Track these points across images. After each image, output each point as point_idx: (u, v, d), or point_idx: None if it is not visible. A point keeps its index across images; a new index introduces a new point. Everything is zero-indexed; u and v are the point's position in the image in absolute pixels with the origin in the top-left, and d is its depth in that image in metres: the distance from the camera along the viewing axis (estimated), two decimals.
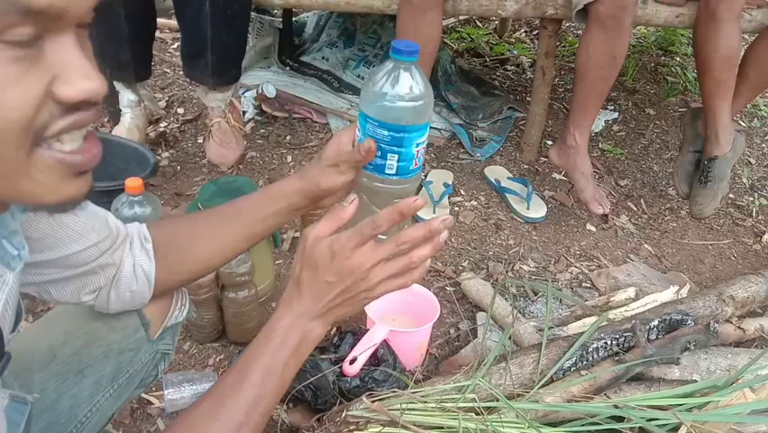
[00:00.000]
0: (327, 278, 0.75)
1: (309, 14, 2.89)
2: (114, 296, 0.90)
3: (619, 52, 1.84)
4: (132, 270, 0.89)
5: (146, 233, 0.91)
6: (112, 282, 0.88)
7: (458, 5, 1.99)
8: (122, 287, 0.89)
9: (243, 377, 0.74)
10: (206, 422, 0.72)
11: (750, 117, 2.80)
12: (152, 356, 1.02)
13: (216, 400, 0.73)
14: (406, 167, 0.85)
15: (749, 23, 1.95)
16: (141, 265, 0.90)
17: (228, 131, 2.10)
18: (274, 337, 0.76)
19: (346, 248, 0.73)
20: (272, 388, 0.75)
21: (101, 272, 0.86)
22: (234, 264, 1.43)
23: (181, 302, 1.04)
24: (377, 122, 0.82)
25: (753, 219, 2.19)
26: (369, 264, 0.74)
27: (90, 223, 0.82)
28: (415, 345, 1.48)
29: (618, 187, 2.27)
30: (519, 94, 2.78)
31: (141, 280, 0.90)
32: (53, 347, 0.91)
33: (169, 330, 1.03)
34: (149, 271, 0.90)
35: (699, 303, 1.51)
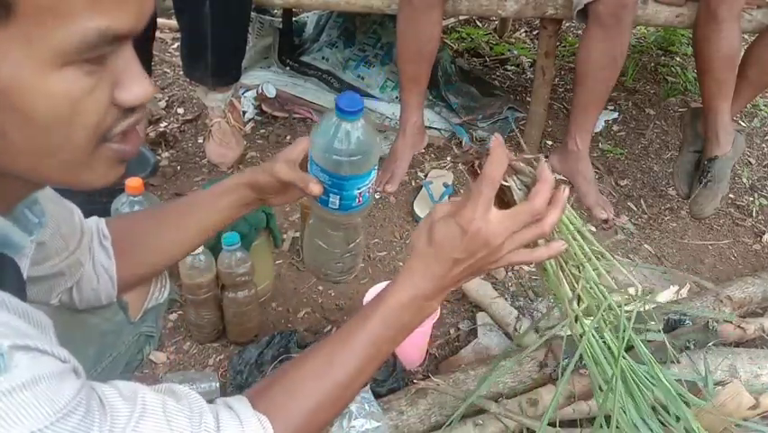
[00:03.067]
0: (456, 255, 0.73)
1: (309, 14, 2.89)
2: (78, 296, 0.90)
3: (619, 52, 1.84)
4: (93, 268, 0.89)
5: (104, 230, 0.91)
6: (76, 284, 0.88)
7: (458, 5, 1.99)
8: (83, 286, 0.89)
9: (349, 348, 0.74)
10: (308, 389, 0.72)
11: (750, 117, 2.80)
12: (136, 339, 1.02)
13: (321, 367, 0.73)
14: (348, 204, 0.91)
15: (749, 22, 1.95)
16: (102, 263, 0.90)
17: (228, 131, 2.10)
18: (387, 313, 0.75)
19: (476, 219, 0.71)
20: (375, 363, 0.76)
21: (68, 272, 0.86)
22: (234, 264, 1.43)
23: (161, 284, 1.05)
24: (319, 167, 0.88)
25: (753, 219, 2.19)
26: (502, 238, 0.73)
27: (59, 223, 0.82)
28: (415, 345, 1.48)
29: (618, 187, 2.27)
30: (519, 94, 2.78)
31: (102, 278, 0.90)
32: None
33: (151, 312, 1.04)
34: (109, 269, 0.90)
35: (697, 304, 1.51)
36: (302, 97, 2.44)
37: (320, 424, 0.74)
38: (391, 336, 0.76)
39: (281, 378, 0.74)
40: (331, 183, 0.88)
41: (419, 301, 0.75)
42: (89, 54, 0.51)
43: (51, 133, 0.52)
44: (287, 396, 0.71)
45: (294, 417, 0.71)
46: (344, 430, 1.12)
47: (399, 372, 1.35)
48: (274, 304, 1.66)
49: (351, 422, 1.12)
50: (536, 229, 0.74)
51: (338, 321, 1.60)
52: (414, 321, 0.77)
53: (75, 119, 0.52)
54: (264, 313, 1.61)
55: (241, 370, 1.37)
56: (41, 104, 0.50)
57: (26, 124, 0.51)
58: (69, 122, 0.52)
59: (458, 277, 0.75)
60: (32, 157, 0.54)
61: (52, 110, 0.51)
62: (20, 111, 0.50)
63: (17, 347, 0.51)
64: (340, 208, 0.91)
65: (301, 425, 0.71)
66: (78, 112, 0.52)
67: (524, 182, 0.78)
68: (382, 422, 1.14)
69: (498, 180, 0.72)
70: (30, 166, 0.55)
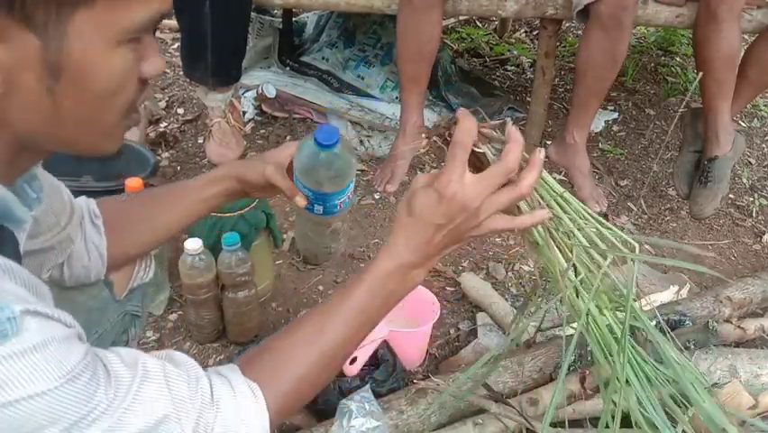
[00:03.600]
0: (436, 220, 0.75)
1: (309, 14, 2.89)
2: (68, 272, 0.92)
3: (619, 52, 1.84)
4: (84, 245, 0.92)
5: (95, 209, 0.94)
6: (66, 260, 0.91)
7: (458, 5, 1.99)
8: (74, 263, 0.92)
9: (338, 317, 0.76)
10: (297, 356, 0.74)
11: (750, 117, 2.80)
12: (121, 317, 1.04)
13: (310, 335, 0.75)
14: (331, 210, 1.00)
15: (749, 23, 1.95)
16: (92, 240, 0.93)
17: (228, 131, 2.10)
18: (373, 283, 0.77)
19: (452, 182, 0.73)
20: (362, 331, 0.78)
21: (59, 248, 0.88)
22: (234, 264, 1.43)
23: (146, 264, 1.09)
24: (301, 183, 0.97)
25: (753, 219, 2.19)
26: (478, 200, 0.74)
27: (50, 199, 0.84)
28: (415, 345, 1.48)
29: (618, 187, 2.27)
30: (519, 94, 2.78)
31: (93, 255, 0.93)
32: None
33: (137, 291, 1.06)
34: (99, 246, 0.93)
35: (697, 304, 1.51)
36: (302, 98, 2.44)
37: (309, 391, 0.76)
38: (378, 304, 0.77)
39: (271, 347, 0.76)
40: (314, 197, 0.97)
41: (404, 269, 0.77)
42: (140, 34, 0.58)
43: (101, 104, 0.59)
44: (276, 364, 0.74)
45: (284, 383, 0.73)
46: (344, 430, 1.12)
47: (399, 372, 1.35)
48: (274, 304, 1.66)
49: (350, 421, 1.12)
50: (513, 191, 0.75)
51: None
52: (400, 290, 0.78)
53: (119, 91, 0.59)
54: (264, 313, 1.61)
55: None
56: (101, 77, 0.57)
57: (83, 96, 0.57)
58: (116, 94, 0.59)
59: (441, 244, 0.77)
60: (76, 127, 0.59)
61: (107, 83, 0.58)
62: (81, 83, 0.56)
63: (28, 312, 0.54)
64: (324, 214, 1.00)
65: (291, 391, 0.73)
66: (124, 85, 0.59)
67: (497, 149, 0.79)
68: (382, 421, 1.14)
69: (469, 144, 0.74)
70: (69, 136, 0.60)
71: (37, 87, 0.55)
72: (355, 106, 2.46)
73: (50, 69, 0.55)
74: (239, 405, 0.68)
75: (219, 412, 0.67)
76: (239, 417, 0.68)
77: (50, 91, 0.56)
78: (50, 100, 0.56)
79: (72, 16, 0.54)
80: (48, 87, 0.56)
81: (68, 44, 0.54)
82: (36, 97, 0.56)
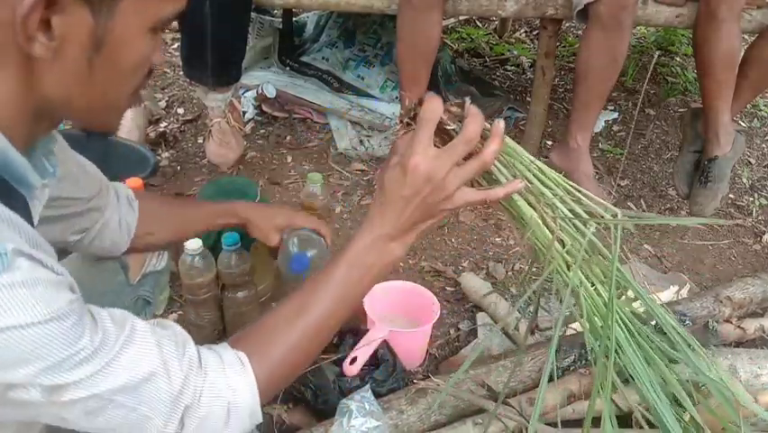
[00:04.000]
0: (404, 192, 0.77)
1: (309, 14, 2.89)
2: (98, 243, 1.02)
3: (620, 52, 1.84)
4: (118, 224, 1.03)
5: (132, 195, 1.06)
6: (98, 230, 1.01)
7: (458, 5, 1.99)
8: (105, 235, 1.02)
9: (320, 290, 0.80)
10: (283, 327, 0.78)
11: (750, 117, 2.80)
12: (134, 301, 1.14)
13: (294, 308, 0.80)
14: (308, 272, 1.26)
15: (749, 23, 1.95)
16: (126, 218, 1.04)
17: (228, 131, 2.10)
18: (351, 257, 0.80)
19: (415, 154, 0.76)
20: (345, 304, 0.81)
21: (87, 215, 0.98)
22: (234, 264, 1.43)
23: (158, 253, 1.22)
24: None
25: (753, 219, 2.19)
26: (443, 170, 0.76)
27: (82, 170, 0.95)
28: (415, 346, 1.48)
29: (618, 187, 2.27)
30: (519, 94, 2.78)
31: (123, 232, 1.04)
32: None
33: (149, 277, 1.17)
34: (131, 225, 1.04)
35: (697, 304, 1.51)
36: (302, 98, 2.44)
37: (296, 363, 0.79)
38: (358, 276, 0.80)
39: (257, 324, 0.80)
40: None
41: (381, 242, 0.80)
42: (163, 25, 0.66)
43: (124, 81, 0.67)
44: (263, 338, 0.77)
45: (270, 356, 0.76)
46: (344, 429, 1.12)
47: (399, 372, 1.35)
48: (274, 304, 1.66)
49: (350, 421, 1.12)
50: (476, 161, 0.78)
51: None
52: (379, 262, 0.81)
53: (137, 72, 0.67)
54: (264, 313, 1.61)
55: None
56: (132, 57, 0.65)
57: (114, 71, 0.65)
58: (135, 75, 0.67)
59: (412, 217, 0.79)
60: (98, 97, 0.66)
61: (134, 64, 0.66)
62: (116, 60, 0.64)
63: (21, 253, 0.57)
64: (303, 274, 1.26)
65: (278, 361, 0.76)
66: (141, 67, 0.67)
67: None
68: (382, 421, 1.14)
69: (433, 121, 0.77)
70: (89, 105, 0.66)
71: (79, 57, 0.62)
72: (355, 106, 2.46)
73: (95, 43, 0.62)
74: (226, 372, 0.71)
75: (207, 378, 0.70)
76: (227, 382, 0.71)
77: (89, 60, 0.62)
78: (87, 69, 0.63)
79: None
80: (88, 56, 0.62)
81: (113, 23, 0.61)
82: (76, 65, 0.62)
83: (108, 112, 0.69)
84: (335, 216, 1.99)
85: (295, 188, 2.08)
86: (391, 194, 0.78)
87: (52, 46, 0.59)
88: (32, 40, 0.58)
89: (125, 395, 0.64)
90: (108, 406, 0.64)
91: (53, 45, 0.59)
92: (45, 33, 0.58)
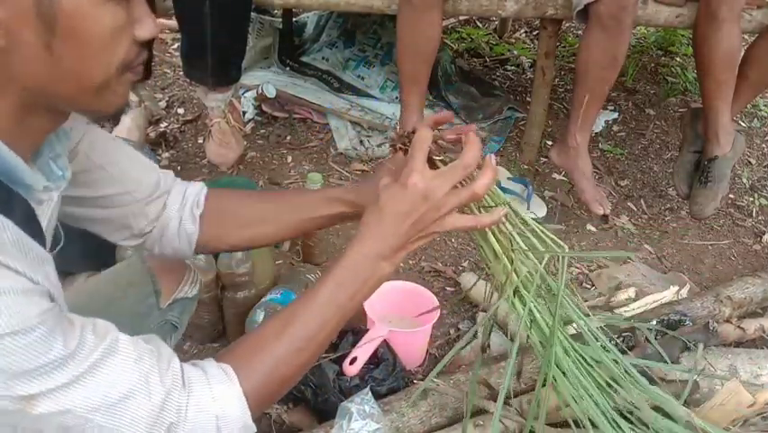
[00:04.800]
0: (400, 208, 0.78)
1: (309, 14, 2.89)
2: (158, 249, 0.99)
3: (620, 52, 1.84)
4: (177, 230, 0.97)
5: (201, 200, 0.99)
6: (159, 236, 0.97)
7: (458, 5, 1.99)
8: (164, 243, 0.98)
9: (307, 306, 0.78)
10: (269, 341, 0.76)
11: (750, 117, 2.80)
12: (161, 325, 1.09)
13: (281, 322, 0.78)
14: None
15: (749, 23, 1.95)
16: (186, 228, 0.98)
17: (228, 131, 2.10)
18: (341, 273, 0.79)
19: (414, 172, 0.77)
20: (334, 320, 0.79)
21: (132, 219, 0.93)
22: (234, 264, 1.43)
23: (192, 280, 1.14)
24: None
25: (753, 219, 2.19)
26: (441, 190, 0.78)
27: (130, 170, 0.91)
28: (415, 345, 1.48)
29: (618, 187, 2.27)
30: (519, 94, 2.78)
31: (183, 241, 0.98)
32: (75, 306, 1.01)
33: (179, 303, 1.11)
34: (191, 235, 0.98)
35: (697, 304, 1.51)
36: (302, 98, 2.44)
37: (284, 378, 0.77)
38: (348, 294, 0.79)
39: (244, 339, 0.79)
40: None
41: (371, 260, 0.79)
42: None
43: (97, 59, 0.62)
44: (249, 352, 0.76)
45: (257, 366, 0.74)
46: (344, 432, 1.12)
47: (399, 371, 1.35)
48: None
49: (350, 424, 1.12)
50: (468, 191, 0.80)
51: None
52: (368, 280, 0.80)
53: (113, 47, 0.62)
54: None
55: None
56: (95, 30, 0.60)
57: (80, 51, 0.60)
58: (109, 49, 0.62)
59: (406, 235, 0.79)
60: (76, 81, 0.62)
61: (101, 37, 0.61)
62: (77, 38, 0.59)
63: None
64: None
65: (265, 373, 0.75)
66: (116, 41, 0.62)
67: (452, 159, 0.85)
68: (382, 424, 1.14)
69: (426, 145, 0.81)
70: (72, 91, 0.63)
71: (36, 42, 0.58)
72: (355, 106, 2.46)
73: (45, 23, 0.57)
74: (211, 385, 0.70)
75: (192, 393, 0.68)
76: (212, 395, 0.69)
77: (47, 46, 0.58)
78: (48, 54, 0.59)
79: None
80: (45, 41, 0.58)
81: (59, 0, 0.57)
82: (36, 51, 0.59)
83: (94, 92, 0.64)
84: None
85: (295, 188, 2.08)
86: (387, 210, 0.79)
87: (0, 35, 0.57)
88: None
89: (103, 415, 0.62)
90: (86, 426, 0.62)
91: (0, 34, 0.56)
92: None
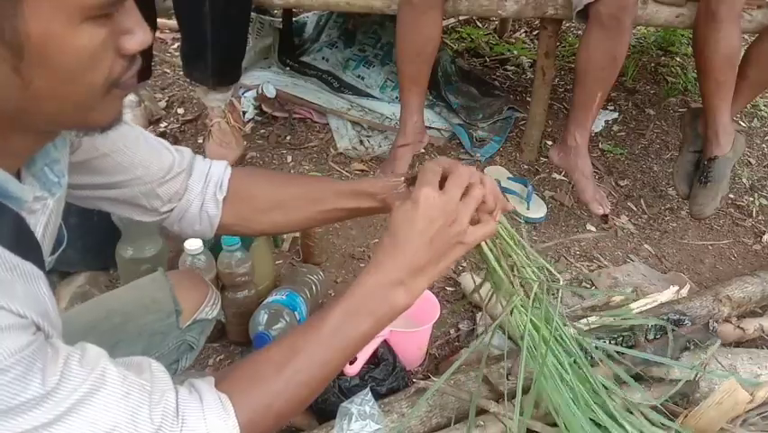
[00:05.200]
0: (417, 227, 0.75)
1: (309, 15, 2.89)
2: (178, 228, 0.99)
3: (619, 52, 1.84)
4: (198, 212, 0.97)
5: (224, 182, 0.98)
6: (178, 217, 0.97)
7: (458, 5, 1.99)
8: (184, 224, 0.98)
9: (313, 337, 0.74)
10: (270, 373, 0.72)
11: (750, 117, 2.80)
12: (178, 345, 1.08)
13: (284, 353, 0.74)
14: None
15: (749, 23, 1.95)
16: (208, 211, 0.97)
17: (228, 131, 2.10)
18: (351, 302, 0.75)
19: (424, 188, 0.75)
20: (339, 354, 0.75)
21: (144, 199, 0.92)
22: (234, 264, 1.43)
23: (213, 301, 1.13)
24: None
25: (753, 219, 2.19)
26: (454, 203, 0.76)
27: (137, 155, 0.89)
28: (415, 345, 1.48)
29: (618, 187, 2.27)
30: (519, 94, 2.78)
31: (204, 223, 0.98)
32: (95, 321, 1.00)
33: (198, 324, 1.10)
34: (213, 218, 0.98)
35: (696, 303, 1.51)
36: (302, 98, 2.44)
37: (283, 412, 0.74)
38: (356, 325, 0.74)
39: (246, 364, 0.75)
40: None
41: (384, 289, 0.75)
42: (104, 10, 0.56)
43: (74, 81, 0.58)
44: (249, 380, 0.72)
45: (255, 397, 0.71)
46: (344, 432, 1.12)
47: (399, 371, 1.35)
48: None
49: (350, 425, 1.12)
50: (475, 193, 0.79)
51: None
52: (379, 311, 0.75)
53: (93, 67, 0.58)
54: None
55: None
56: (68, 55, 0.56)
57: (53, 74, 0.56)
58: (89, 70, 0.58)
59: (426, 256, 0.75)
60: (54, 103, 0.58)
61: (76, 60, 0.56)
62: (49, 62, 0.55)
63: None
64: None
65: (263, 406, 0.71)
66: (96, 61, 0.58)
67: None
68: (382, 424, 1.14)
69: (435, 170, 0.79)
70: (51, 111, 0.59)
71: (2, 67, 0.55)
72: (355, 106, 2.46)
73: (11, 50, 0.54)
74: (206, 416, 0.67)
75: (184, 426, 0.65)
76: (206, 429, 0.66)
77: (15, 70, 0.55)
78: (17, 78, 0.55)
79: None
80: (13, 66, 0.55)
81: (25, 24, 0.53)
82: (3, 76, 0.55)
83: (76, 112, 0.61)
84: None
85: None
86: (402, 231, 0.75)
87: None
88: None
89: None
90: None
91: None
92: None
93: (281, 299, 1.45)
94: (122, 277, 1.57)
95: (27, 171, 0.67)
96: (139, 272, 1.50)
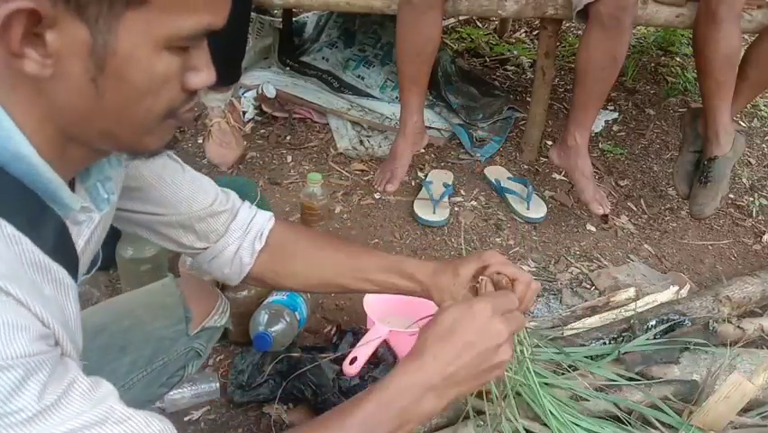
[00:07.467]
0: (468, 337, 0.74)
1: (309, 15, 2.89)
2: (207, 267, 1.00)
3: (619, 52, 1.84)
4: (232, 256, 0.98)
5: (265, 233, 0.99)
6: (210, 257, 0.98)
7: (458, 5, 1.99)
8: (214, 265, 0.99)
9: (343, 422, 0.71)
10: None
11: (750, 117, 2.80)
12: (186, 351, 1.08)
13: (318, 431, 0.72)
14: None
15: (749, 23, 1.95)
16: (242, 258, 0.98)
17: (228, 131, 2.10)
18: (383, 395, 0.73)
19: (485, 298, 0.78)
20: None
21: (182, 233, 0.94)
22: None
23: (222, 309, 1.13)
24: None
25: (753, 219, 2.19)
26: (505, 334, 0.76)
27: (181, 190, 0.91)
28: None
29: (618, 187, 2.27)
30: (519, 94, 2.78)
31: (234, 269, 0.99)
32: (104, 324, 1.00)
33: (206, 331, 1.11)
34: (245, 266, 0.99)
35: (696, 303, 1.51)
36: (302, 97, 2.44)
37: None
38: (386, 418, 0.72)
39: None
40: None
41: (420, 389, 0.73)
42: (188, 43, 0.60)
43: (140, 102, 0.60)
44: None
45: None
46: None
47: None
48: None
49: None
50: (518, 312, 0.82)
51: (338, 321, 1.60)
52: (410, 410, 0.73)
53: (160, 93, 0.61)
54: None
55: (243, 369, 1.38)
56: (144, 76, 0.59)
57: (125, 91, 0.59)
58: (156, 95, 0.61)
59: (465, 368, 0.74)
60: (115, 119, 0.61)
61: (149, 83, 0.59)
62: (124, 79, 0.58)
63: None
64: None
65: None
66: (164, 88, 0.61)
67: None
68: None
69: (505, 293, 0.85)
70: (110, 127, 0.62)
71: (82, 75, 0.57)
72: (355, 106, 2.46)
73: (96, 61, 0.57)
74: None
75: None
76: None
77: (93, 81, 0.57)
78: (92, 89, 0.58)
79: (123, 15, 0.55)
80: (92, 76, 0.57)
81: (116, 41, 0.56)
82: (80, 84, 0.58)
83: (139, 134, 0.64)
84: (335, 216, 1.99)
85: (295, 189, 2.08)
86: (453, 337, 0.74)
87: (48, 63, 0.55)
88: (21, 56, 0.54)
89: None
90: None
91: (49, 62, 0.55)
92: (38, 49, 0.54)
93: (282, 299, 1.45)
94: (122, 277, 1.57)
95: (81, 184, 0.69)
96: (139, 272, 1.50)
